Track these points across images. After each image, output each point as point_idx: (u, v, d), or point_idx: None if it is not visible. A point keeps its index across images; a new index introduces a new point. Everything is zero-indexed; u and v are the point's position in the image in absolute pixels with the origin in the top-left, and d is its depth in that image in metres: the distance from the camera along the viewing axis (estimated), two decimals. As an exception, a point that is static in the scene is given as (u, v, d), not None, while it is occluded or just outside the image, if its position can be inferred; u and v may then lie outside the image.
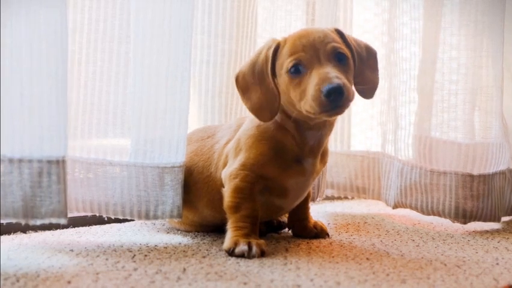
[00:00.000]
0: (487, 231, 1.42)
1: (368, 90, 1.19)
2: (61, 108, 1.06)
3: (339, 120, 1.69)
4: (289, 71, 1.09)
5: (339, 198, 1.84)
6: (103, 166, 1.20)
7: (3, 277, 0.93)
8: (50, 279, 0.93)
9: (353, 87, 1.15)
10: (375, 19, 1.68)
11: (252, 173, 1.15)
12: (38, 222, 1.04)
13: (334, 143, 1.69)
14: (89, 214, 1.23)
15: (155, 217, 1.21)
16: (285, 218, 1.36)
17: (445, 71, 1.50)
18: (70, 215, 1.31)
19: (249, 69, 1.16)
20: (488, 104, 1.50)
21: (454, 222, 1.47)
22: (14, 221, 1.04)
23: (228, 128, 1.26)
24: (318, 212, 1.60)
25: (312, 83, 1.06)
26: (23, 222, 1.03)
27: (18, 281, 0.91)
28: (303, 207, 1.29)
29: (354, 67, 1.14)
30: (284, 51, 1.12)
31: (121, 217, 1.22)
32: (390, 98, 1.59)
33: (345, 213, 1.61)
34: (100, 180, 1.20)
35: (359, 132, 1.76)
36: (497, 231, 1.43)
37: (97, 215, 1.22)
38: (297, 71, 1.09)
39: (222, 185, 1.18)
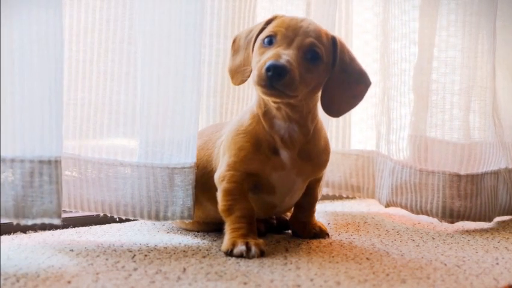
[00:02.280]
0: (487, 231, 1.42)
1: (335, 109, 1.19)
2: (55, 108, 1.05)
3: (335, 119, 1.68)
4: (262, 40, 1.12)
5: (338, 198, 1.84)
6: (114, 166, 1.21)
7: (3, 277, 0.93)
8: (50, 279, 0.93)
9: (317, 94, 1.16)
10: (375, 19, 1.68)
11: (237, 172, 1.15)
12: (30, 222, 1.03)
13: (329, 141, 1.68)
14: (101, 214, 1.23)
15: (166, 218, 1.21)
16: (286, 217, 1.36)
17: (438, 71, 1.50)
18: (78, 214, 1.32)
19: (244, 34, 1.20)
20: (477, 104, 1.51)
21: (441, 221, 1.48)
22: (5, 220, 1.04)
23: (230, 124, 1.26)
24: (318, 212, 1.59)
25: (267, 55, 1.08)
26: (14, 222, 1.03)
27: (18, 281, 0.91)
28: (308, 211, 1.29)
29: (326, 75, 1.14)
30: (272, 24, 1.14)
31: (131, 218, 1.22)
32: (384, 96, 1.59)
33: (345, 213, 1.61)
34: (111, 180, 1.20)
35: (358, 131, 1.76)
36: (497, 231, 1.43)
37: (108, 215, 1.22)
38: (269, 42, 1.11)
39: None
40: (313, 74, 1.11)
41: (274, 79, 1.04)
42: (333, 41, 1.15)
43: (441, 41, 1.50)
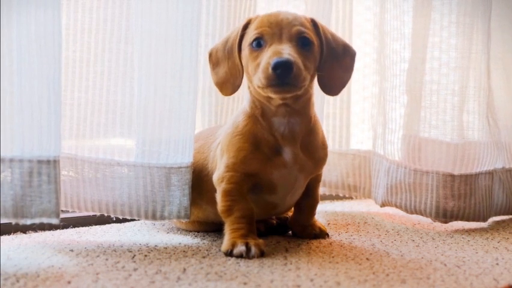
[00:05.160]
0: (487, 232, 1.42)
1: (333, 87, 1.19)
2: (53, 108, 1.06)
3: (331, 118, 1.69)
4: (251, 44, 1.12)
5: (338, 198, 1.84)
6: (110, 166, 1.21)
7: (3, 277, 0.93)
8: (50, 279, 0.93)
9: (315, 77, 1.16)
10: (375, 19, 1.68)
11: (236, 173, 1.15)
12: (29, 221, 1.04)
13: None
14: (98, 214, 1.23)
15: (162, 217, 1.21)
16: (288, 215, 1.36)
17: (432, 72, 1.51)
18: (75, 214, 1.32)
19: (221, 45, 1.19)
20: (471, 105, 1.51)
21: (434, 221, 1.48)
22: (4, 220, 1.04)
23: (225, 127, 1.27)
24: (318, 212, 1.59)
25: (266, 56, 1.07)
26: (13, 221, 1.03)
27: (18, 281, 0.91)
28: (308, 214, 1.29)
29: (320, 57, 1.15)
30: (252, 27, 1.14)
31: (128, 217, 1.22)
32: (380, 96, 1.59)
33: (345, 213, 1.61)
34: (108, 180, 1.21)
35: (359, 132, 1.76)
36: (497, 231, 1.43)
37: (105, 214, 1.23)
38: (258, 45, 1.11)
39: None
40: (310, 59, 1.12)
41: (284, 75, 1.04)
42: (313, 22, 1.17)
43: (435, 42, 1.50)
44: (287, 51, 1.06)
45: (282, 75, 1.04)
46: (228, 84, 1.17)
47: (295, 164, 1.17)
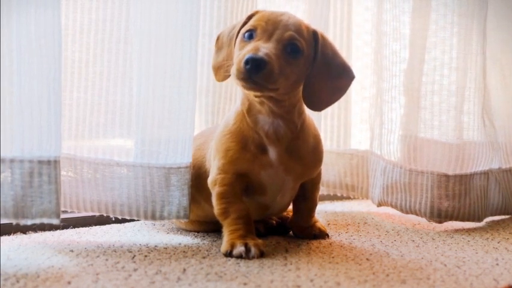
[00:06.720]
0: (486, 232, 1.42)
1: (315, 102, 1.16)
2: (53, 108, 1.06)
3: (329, 118, 1.68)
4: (243, 34, 1.12)
5: (339, 198, 1.84)
6: (110, 166, 1.21)
7: (3, 277, 0.93)
8: (50, 279, 0.92)
9: (300, 88, 1.14)
10: (373, 19, 1.68)
11: (227, 174, 1.15)
12: (29, 222, 1.04)
13: (324, 141, 1.68)
14: (97, 214, 1.23)
15: (162, 218, 1.21)
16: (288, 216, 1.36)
17: (428, 72, 1.51)
18: (74, 215, 1.32)
19: (227, 31, 1.20)
20: (466, 105, 1.52)
21: (429, 221, 1.49)
22: (5, 221, 1.04)
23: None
24: (318, 212, 1.59)
25: (246, 49, 1.07)
26: (13, 222, 1.03)
27: (18, 281, 0.91)
28: (306, 216, 1.28)
29: (307, 69, 1.13)
30: (253, 18, 1.14)
31: (128, 217, 1.22)
32: (377, 97, 1.60)
33: (345, 214, 1.61)
34: (107, 180, 1.21)
35: (358, 132, 1.76)
36: (497, 231, 1.43)
37: (104, 215, 1.23)
38: (250, 36, 1.11)
39: None
40: (294, 67, 1.10)
41: (253, 72, 1.03)
42: (314, 34, 1.15)
43: (432, 43, 1.51)
44: (265, 51, 1.05)
45: (251, 71, 1.03)
46: (221, 70, 1.18)
47: (280, 165, 1.16)
